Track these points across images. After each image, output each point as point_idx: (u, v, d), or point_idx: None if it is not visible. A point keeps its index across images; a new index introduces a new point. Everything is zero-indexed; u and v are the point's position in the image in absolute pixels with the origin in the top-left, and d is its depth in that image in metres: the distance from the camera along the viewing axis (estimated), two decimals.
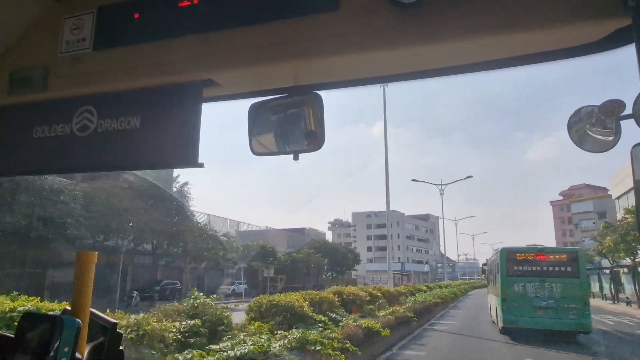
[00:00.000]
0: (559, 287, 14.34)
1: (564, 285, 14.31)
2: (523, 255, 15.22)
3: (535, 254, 15.11)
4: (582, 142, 1.28)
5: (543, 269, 14.72)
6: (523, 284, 14.67)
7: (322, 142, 1.60)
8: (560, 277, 14.45)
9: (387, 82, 1.62)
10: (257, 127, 1.67)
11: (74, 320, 1.30)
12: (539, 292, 14.47)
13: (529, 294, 14.52)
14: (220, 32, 1.55)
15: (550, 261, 14.79)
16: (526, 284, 14.64)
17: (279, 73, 1.57)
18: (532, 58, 1.35)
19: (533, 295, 14.48)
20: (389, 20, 1.34)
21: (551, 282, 14.45)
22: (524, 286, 14.63)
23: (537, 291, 14.48)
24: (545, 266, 14.75)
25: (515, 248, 16.04)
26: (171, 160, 1.58)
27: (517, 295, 14.64)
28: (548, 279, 14.49)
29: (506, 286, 14.92)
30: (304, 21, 1.45)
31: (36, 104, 1.78)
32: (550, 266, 14.72)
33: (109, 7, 1.72)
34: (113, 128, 1.63)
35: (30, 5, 1.82)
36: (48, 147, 1.73)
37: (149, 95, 1.63)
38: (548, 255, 14.93)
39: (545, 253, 15.13)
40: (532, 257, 15.01)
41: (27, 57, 1.83)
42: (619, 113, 1.18)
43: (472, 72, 1.45)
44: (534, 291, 14.51)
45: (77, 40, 1.74)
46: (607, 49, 1.24)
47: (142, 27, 1.65)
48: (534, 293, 14.49)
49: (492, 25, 1.24)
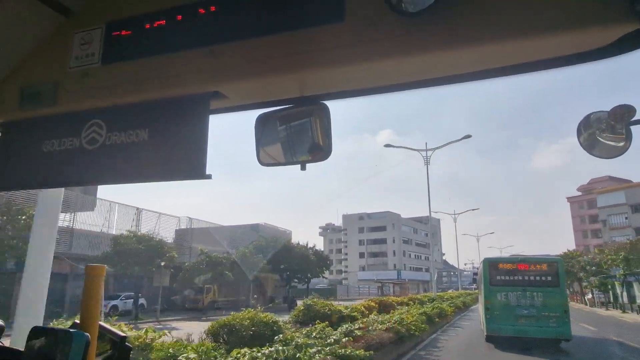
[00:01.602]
0: (540, 296, 14.62)
1: (544, 294, 14.60)
2: (505, 265, 15.53)
3: (517, 264, 15.42)
4: (592, 148, 1.30)
5: (524, 278, 15.00)
6: (505, 293, 14.91)
7: (329, 152, 1.61)
8: (541, 287, 14.74)
9: (394, 91, 1.63)
10: (264, 137, 1.68)
11: (82, 334, 1.31)
12: (520, 301, 14.70)
13: (512, 303, 14.76)
14: (226, 44, 1.57)
15: (531, 271, 15.08)
16: (508, 293, 14.89)
17: (286, 84, 1.58)
18: (539, 64, 1.36)
19: (515, 304, 14.71)
20: (394, 30, 1.35)
21: (532, 291, 14.72)
22: (507, 295, 14.88)
23: (519, 300, 14.72)
24: (526, 276, 15.03)
25: (497, 258, 16.64)
26: (179, 172, 1.57)
27: (499, 304, 14.87)
28: (529, 288, 14.76)
29: (489, 295, 15.19)
30: (310, 32, 1.46)
31: (46, 118, 1.81)
32: (531, 276, 15.01)
33: (117, 22, 1.76)
34: (121, 141, 1.65)
35: (40, 22, 1.85)
36: (57, 160, 1.75)
37: (156, 108, 1.65)
38: (529, 265, 15.22)
39: (526, 263, 15.43)
40: (513, 267, 15.31)
41: (38, 72, 1.86)
42: (629, 118, 1.19)
43: (479, 80, 1.46)
44: (516, 300, 14.75)
45: (86, 55, 1.78)
46: (615, 54, 1.24)
47: (150, 41, 1.68)
48: (516, 302, 14.72)
49: (499, 33, 1.25)
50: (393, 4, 1.30)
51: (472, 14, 1.28)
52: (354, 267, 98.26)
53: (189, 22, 1.63)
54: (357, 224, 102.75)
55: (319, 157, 1.63)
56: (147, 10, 1.70)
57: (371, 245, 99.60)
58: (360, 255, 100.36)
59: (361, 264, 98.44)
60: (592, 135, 1.30)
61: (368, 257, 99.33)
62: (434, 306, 23.42)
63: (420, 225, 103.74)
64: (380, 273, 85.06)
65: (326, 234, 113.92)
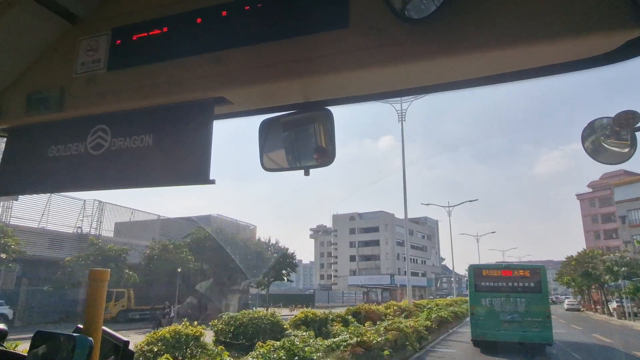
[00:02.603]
0: (523, 302, 14.93)
1: (527, 300, 14.91)
2: (490, 272, 15.87)
3: (501, 271, 15.75)
4: (597, 154, 1.30)
5: (508, 284, 15.33)
6: (490, 299, 15.24)
7: (333, 157, 1.62)
8: (524, 293, 15.06)
9: (397, 97, 1.67)
10: (268, 143, 1.68)
11: (86, 338, 1.30)
12: (504, 306, 15.00)
13: (496, 309, 15.08)
14: (231, 50, 1.57)
15: (515, 277, 15.42)
16: (493, 299, 15.21)
17: (290, 90, 1.58)
18: (543, 71, 1.36)
19: (499, 309, 15.03)
20: (398, 36, 1.36)
21: (516, 297, 15.04)
22: (491, 301, 15.20)
23: (503, 306, 15.03)
24: (510, 282, 15.37)
25: (482, 265, 17.02)
26: (183, 178, 1.57)
27: (484, 310, 15.22)
28: (513, 295, 15.07)
29: (475, 301, 15.55)
30: (314, 39, 1.47)
31: (52, 123, 1.82)
32: (514, 282, 15.34)
33: (122, 28, 1.77)
34: (126, 146, 1.65)
35: (46, 28, 1.86)
36: (63, 166, 1.75)
37: (161, 113, 1.65)
38: (513, 272, 15.57)
39: (510, 269, 15.79)
40: (498, 274, 15.64)
41: (44, 78, 1.87)
42: (634, 124, 1.20)
43: (483, 86, 1.47)
44: (500, 306, 15.06)
45: (92, 61, 1.79)
46: (618, 60, 1.25)
47: (155, 47, 1.69)
48: (500, 307, 15.03)
49: (502, 39, 1.25)
50: (396, 10, 1.31)
51: (475, 21, 1.28)
52: (345, 272, 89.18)
53: (194, 29, 1.64)
54: (348, 224, 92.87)
55: (322, 162, 1.63)
56: (152, 16, 1.71)
57: (363, 247, 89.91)
58: (352, 258, 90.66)
59: (352, 267, 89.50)
60: (596, 141, 1.30)
61: (360, 260, 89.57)
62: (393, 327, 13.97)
63: (417, 226, 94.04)
64: (373, 277, 78.99)
65: (317, 237, 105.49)
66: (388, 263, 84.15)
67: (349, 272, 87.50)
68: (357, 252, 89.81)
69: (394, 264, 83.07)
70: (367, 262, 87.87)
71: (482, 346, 15.43)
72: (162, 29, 1.69)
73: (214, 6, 1.62)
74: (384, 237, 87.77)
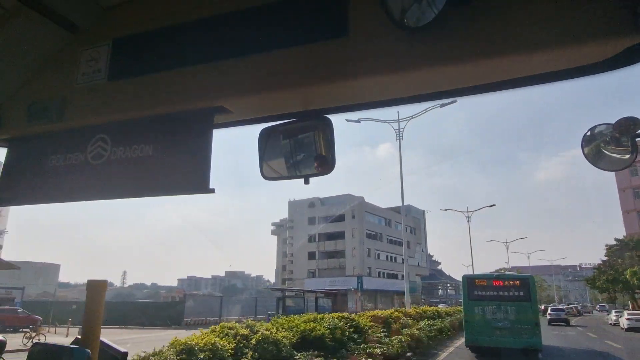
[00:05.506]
0: (513, 310, 15.43)
1: (517, 308, 15.42)
2: (482, 282, 16.45)
3: (492, 280, 16.32)
4: (597, 160, 1.30)
5: (499, 293, 15.85)
6: (482, 307, 15.76)
7: (333, 166, 1.61)
8: (514, 301, 15.57)
9: (396, 105, 1.64)
10: (267, 151, 1.68)
11: (83, 350, 1.29)
12: (496, 314, 15.51)
13: (487, 316, 15.59)
14: (230, 60, 1.57)
15: (505, 286, 15.94)
16: (485, 307, 15.73)
17: (289, 98, 1.58)
18: (542, 78, 1.36)
19: (491, 317, 15.52)
20: (397, 45, 1.36)
21: (506, 305, 15.55)
22: (483, 309, 15.72)
23: (494, 313, 15.53)
24: (501, 291, 15.89)
25: (475, 275, 17.69)
26: (183, 187, 1.56)
27: (477, 317, 15.72)
28: (503, 303, 15.60)
29: (468, 309, 16.02)
30: (314, 48, 1.47)
31: (53, 133, 1.82)
32: (505, 291, 15.87)
33: (123, 39, 1.78)
34: (126, 156, 1.65)
35: (47, 39, 1.86)
36: (63, 175, 1.74)
37: (161, 123, 1.65)
38: (503, 282, 16.12)
39: (500, 279, 16.40)
40: (489, 283, 16.18)
41: (45, 88, 1.87)
42: (635, 131, 1.21)
43: (482, 93, 1.47)
44: (491, 313, 15.57)
45: (92, 71, 1.80)
46: (618, 66, 1.25)
47: (155, 57, 1.69)
48: (492, 315, 15.53)
49: (502, 47, 1.25)
50: (395, 19, 1.32)
51: (474, 29, 1.28)
52: (302, 273, 66.51)
53: (193, 39, 1.64)
54: (307, 213, 68.40)
55: (322, 170, 1.63)
56: (152, 27, 1.72)
57: (325, 242, 66.47)
58: (310, 255, 66.92)
59: (312, 267, 66.63)
60: (597, 147, 1.30)
61: (321, 258, 66.13)
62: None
63: (397, 216, 61.69)
64: (337, 280, 59.09)
65: (280, 232, 79.02)
66: (355, 261, 62.69)
67: (306, 273, 66.55)
68: (318, 248, 66.37)
69: (363, 262, 62.45)
70: (329, 260, 65.97)
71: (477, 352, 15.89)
72: (162, 40, 1.70)
73: (213, 17, 1.63)
74: (350, 227, 64.67)
